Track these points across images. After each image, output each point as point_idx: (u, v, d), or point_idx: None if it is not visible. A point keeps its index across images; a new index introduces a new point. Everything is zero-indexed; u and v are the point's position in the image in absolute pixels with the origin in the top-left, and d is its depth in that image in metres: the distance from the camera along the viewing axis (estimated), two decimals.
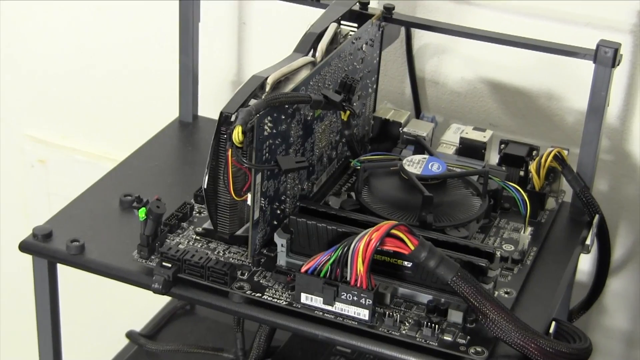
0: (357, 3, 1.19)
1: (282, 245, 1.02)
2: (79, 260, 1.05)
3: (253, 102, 0.99)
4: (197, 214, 1.11)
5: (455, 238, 1.01)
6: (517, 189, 1.10)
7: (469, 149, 1.19)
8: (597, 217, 1.15)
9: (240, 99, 1.00)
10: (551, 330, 1.01)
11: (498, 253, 1.03)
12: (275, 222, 1.05)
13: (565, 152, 1.15)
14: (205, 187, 1.02)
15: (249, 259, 1.04)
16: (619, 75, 1.24)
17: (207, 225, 1.08)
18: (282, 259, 1.03)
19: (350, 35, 1.15)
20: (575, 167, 1.16)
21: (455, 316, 0.98)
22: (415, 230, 0.97)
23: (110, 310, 1.66)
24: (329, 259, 0.96)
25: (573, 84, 1.27)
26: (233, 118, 0.99)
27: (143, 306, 1.37)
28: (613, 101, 1.24)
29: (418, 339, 0.96)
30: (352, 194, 1.11)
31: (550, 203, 1.17)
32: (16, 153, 1.65)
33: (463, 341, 0.96)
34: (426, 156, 1.11)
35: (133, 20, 1.48)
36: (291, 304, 0.99)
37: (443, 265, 0.95)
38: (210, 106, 1.34)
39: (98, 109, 1.56)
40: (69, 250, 1.05)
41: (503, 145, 1.19)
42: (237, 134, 0.96)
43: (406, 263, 1.00)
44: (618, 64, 1.12)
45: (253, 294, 1.00)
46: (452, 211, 1.08)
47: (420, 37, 1.32)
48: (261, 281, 1.02)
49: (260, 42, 1.42)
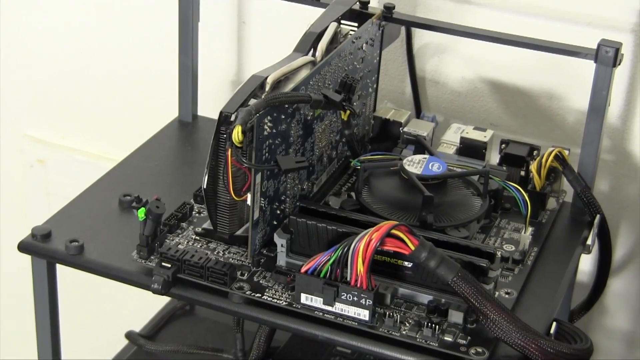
0: (357, 2, 1.19)
1: (282, 245, 1.02)
2: (78, 260, 1.05)
3: (253, 102, 0.99)
4: (197, 214, 1.11)
5: (455, 238, 1.01)
6: (518, 189, 1.10)
7: (470, 149, 1.19)
8: (598, 217, 1.15)
9: (240, 99, 1.00)
10: (552, 330, 1.00)
11: (499, 253, 1.03)
12: (275, 222, 1.05)
13: (566, 152, 1.15)
14: (204, 187, 1.02)
15: (249, 259, 1.04)
16: (620, 74, 1.24)
17: (207, 225, 1.07)
18: (282, 259, 1.03)
19: (350, 34, 1.15)
20: (576, 167, 1.16)
21: (455, 317, 0.98)
22: (415, 230, 0.97)
23: (109, 310, 1.66)
24: (329, 259, 0.96)
25: (574, 84, 1.27)
26: (233, 118, 0.98)
27: (142, 306, 1.37)
28: (614, 101, 1.24)
29: (418, 340, 0.96)
30: (352, 194, 1.11)
31: (551, 203, 1.17)
32: (15, 153, 1.65)
33: (463, 342, 0.96)
34: (426, 156, 1.11)
35: (133, 20, 1.48)
36: (291, 305, 0.99)
37: (443, 265, 0.95)
38: (209, 106, 1.34)
39: (98, 109, 1.56)
40: (68, 250, 1.05)
41: (504, 145, 1.19)
42: (237, 134, 0.96)
43: (406, 263, 0.99)
44: (619, 64, 1.12)
45: (253, 295, 1.00)
46: (453, 211, 1.07)
47: (420, 37, 1.32)
48: (261, 281, 1.02)
49: (260, 42, 1.41)
